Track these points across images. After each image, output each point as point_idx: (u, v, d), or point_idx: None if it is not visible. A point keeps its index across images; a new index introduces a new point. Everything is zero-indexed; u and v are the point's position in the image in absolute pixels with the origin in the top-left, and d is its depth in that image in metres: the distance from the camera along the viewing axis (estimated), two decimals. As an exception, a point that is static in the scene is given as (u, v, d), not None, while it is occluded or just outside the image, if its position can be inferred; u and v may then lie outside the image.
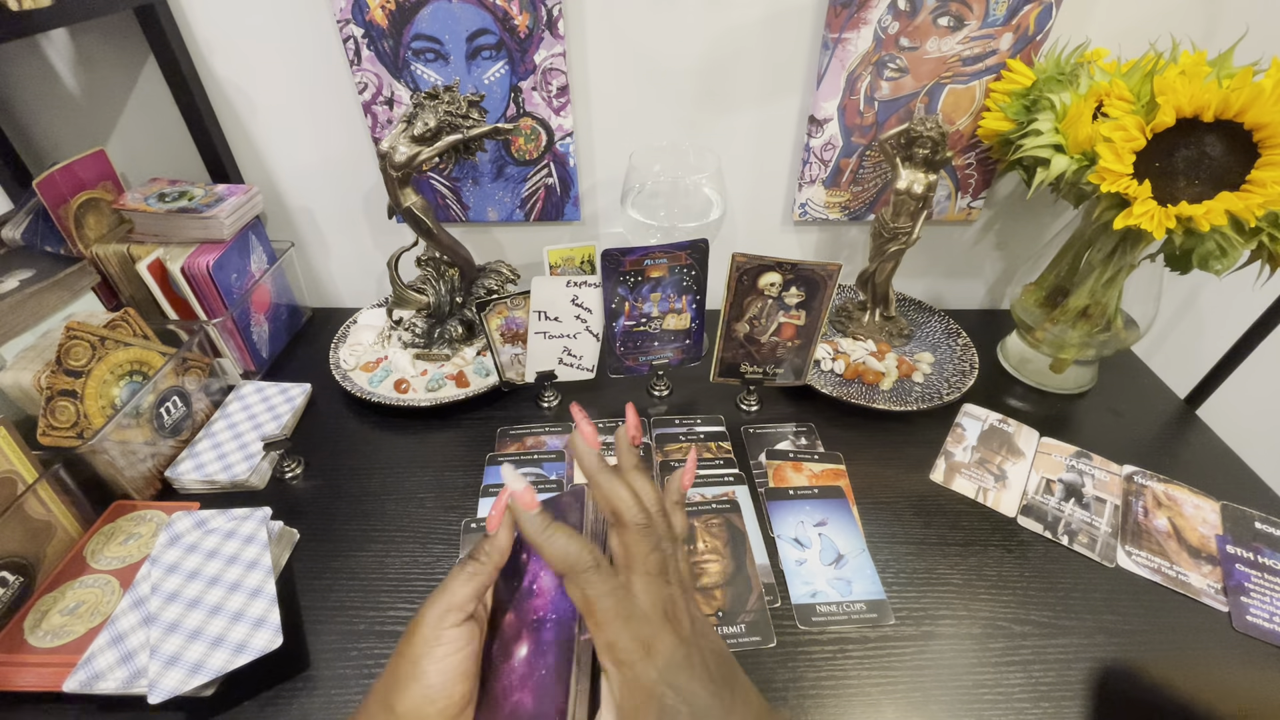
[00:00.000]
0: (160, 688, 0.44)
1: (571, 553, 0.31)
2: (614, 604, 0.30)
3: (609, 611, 0.30)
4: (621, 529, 0.33)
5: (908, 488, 0.65)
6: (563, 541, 0.31)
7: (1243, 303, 0.71)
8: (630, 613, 0.30)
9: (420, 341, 0.77)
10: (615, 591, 0.30)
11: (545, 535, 0.31)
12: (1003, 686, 0.49)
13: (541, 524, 0.32)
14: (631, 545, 0.32)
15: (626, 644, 0.29)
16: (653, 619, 0.30)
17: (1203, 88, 0.51)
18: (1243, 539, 0.59)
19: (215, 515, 0.56)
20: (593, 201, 0.84)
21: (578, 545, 0.31)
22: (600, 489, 0.34)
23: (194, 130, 0.75)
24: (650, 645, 0.29)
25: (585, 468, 0.35)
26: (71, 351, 0.57)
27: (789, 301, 0.65)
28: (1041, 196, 0.79)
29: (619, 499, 0.33)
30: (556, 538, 0.31)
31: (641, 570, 0.32)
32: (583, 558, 0.30)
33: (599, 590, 0.30)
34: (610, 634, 0.29)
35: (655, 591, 0.31)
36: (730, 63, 0.72)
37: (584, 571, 0.30)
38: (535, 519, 0.32)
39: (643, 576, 0.31)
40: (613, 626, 0.29)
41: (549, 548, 0.31)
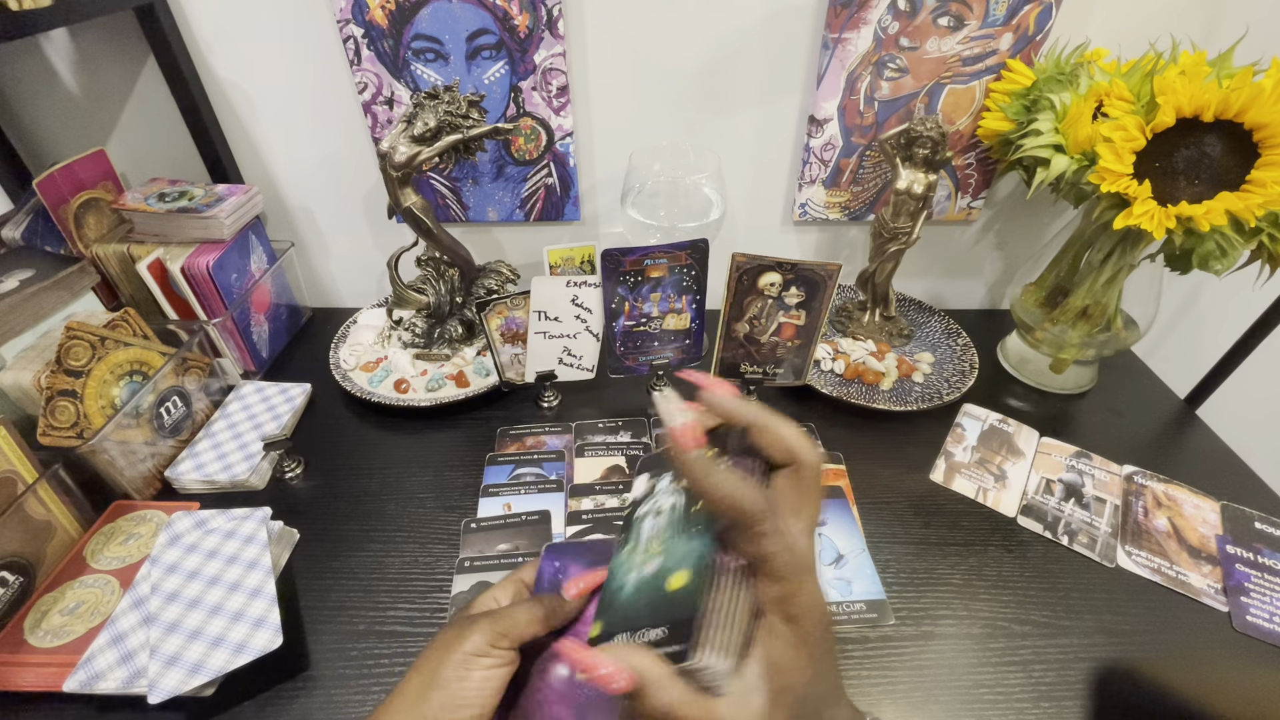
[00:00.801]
0: (160, 688, 0.44)
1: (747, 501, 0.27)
2: (793, 559, 0.27)
3: (790, 566, 0.27)
4: (800, 468, 0.30)
5: (908, 488, 0.64)
6: (732, 487, 0.27)
7: (1243, 303, 0.71)
8: (807, 566, 0.28)
9: (420, 341, 0.77)
10: (791, 546, 0.27)
11: (714, 480, 0.27)
12: (1003, 686, 0.49)
13: (706, 467, 0.28)
14: (809, 486, 0.29)
15: (804, 601, 0.27)
16: (815, 573, 0.28)
17: (1203, 88, 0.51)
18: (1243, 539, 0.59)
19: (215, 515, 0.56)
20: (593, 201, 0.84)
21: (749, 492, 0.27)
22: (770, 429, 0.30)
23: (194, 130, 0.75)
24: (820, 603, 0.28)
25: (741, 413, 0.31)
26: (71, 351, 0.57)
27: (789, 301, 0.65)
28: (1041, 196, 0.79)
29: (795, 437, 0.30)
30: (725, 483, 0.27)
31: (810, 517, 0.29)
32: (756, 505, 0.27)
33: (779, 544, 0.27)
34: (789, 587, 0.27)
35: (812, 541, 0.29)
36: (730, 63, 0.72)
37: (760, 522, 0.27)
38: (700, 462, 0.28)
39: (811, 524, 0.29)
40: (793, 581, 0.27)
41: (717, 494, 0.27)
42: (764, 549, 0.27)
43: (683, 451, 0.29)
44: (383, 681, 0.49)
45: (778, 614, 0.27)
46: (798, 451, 0.30)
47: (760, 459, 0.31)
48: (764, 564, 0.27)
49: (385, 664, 0.50)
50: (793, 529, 0.28)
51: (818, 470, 0.30)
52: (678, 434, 0.29)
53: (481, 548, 0.58)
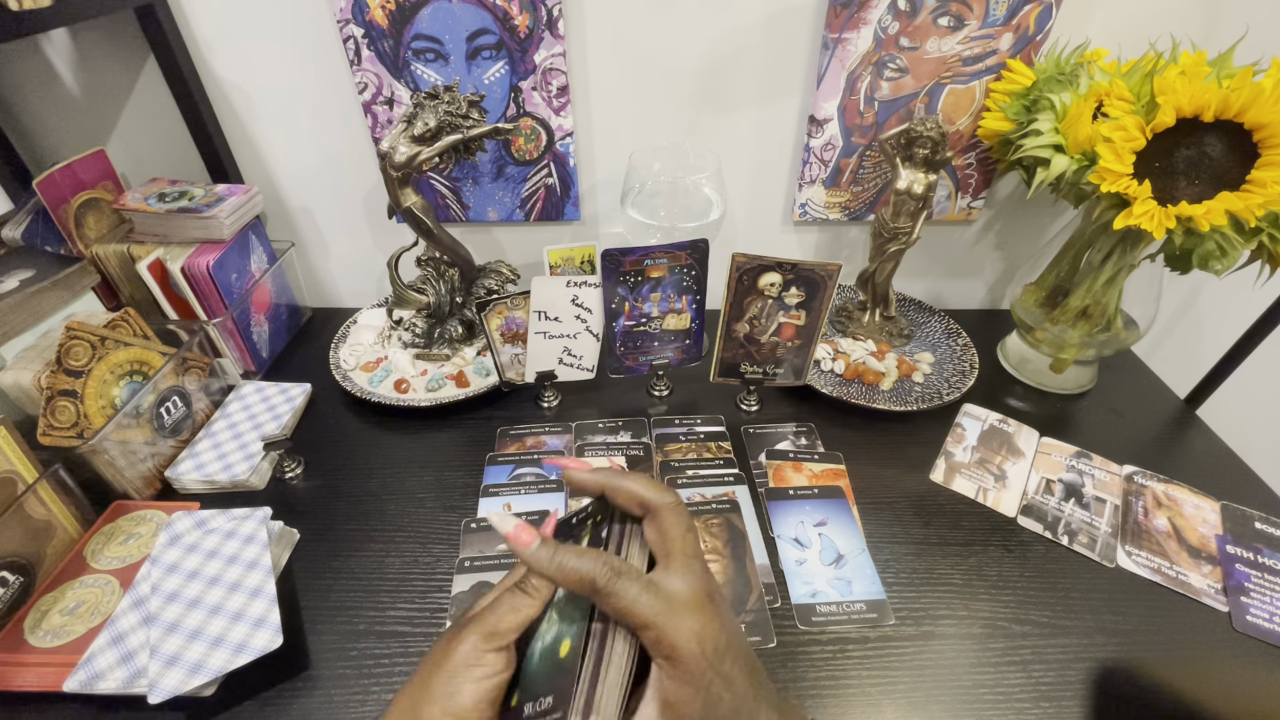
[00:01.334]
0: (160, 688, 0.44)
1: (587, 568, 0.29)
2: (652, 600, 0.28)
3: (650, 610, 0.28)
4: (654, 515, 0.32)
5: (908, 488, 0.65)
6: (575, 562, 0.29)
7: (1243, 303, 0.71)
8: (671, 604, 0.29)
9: (420, 341, 0.77)
10: (649, 587, 0.29)
11: (555, 564, 0.30)
12: (1003, 686, 0.49)
13: (547, 554, 0.30)
14: (669, 526, 0.31)
15: (676, 638, 0.28)
16: (695, 604, 0.29)
17: (1203, 88, 0.51)
18: (1243, 539, 0.59)
19: (215, 515, 0.56)
20: (593, 201, 0.84)
21: (591, 559, 0.29)
22: (619, 491, 0.33)
23: (194, 130, 0.75)
24: (699, 634, 0.28)
25: (596, 482, 0.34)
26: (71, 351, 0.57)
27: (789, 301, 0.65)
28: (1041, 196, 0.79)
29: (641, 489, 0.32)
30: (567, 560, 0.30)
31: (680, 553, 0.30)
32: (602, 570, 0.29)
33: (631, 594, 0.28)
34: (658, 631, 0.28)
35: (694, 573, 0.30)
36: (730, 63, 0.72)
37: (609, 581, 0.29)
38: (539, 552, 0.30)
39: (681, 560, 0.30)
40: (659, 623, 0.28)
41: (564, 575, 0.30)
42: (618, 605, 0.29)
43: (520, 549, 0.31)
44: (382, 681, 0.49)
45: (659, 657, 0.29)
46: (645, 500, 0.32)
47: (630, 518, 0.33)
48: (627, 618, 0.29)
49: (385, 664, 0.50)
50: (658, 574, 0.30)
51: (671, 509, 0.32)
52: (512, 537, 0.31)
53: (481, 548, 0.58)
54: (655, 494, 0.32)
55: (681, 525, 0.31)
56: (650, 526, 0.32)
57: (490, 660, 0.31)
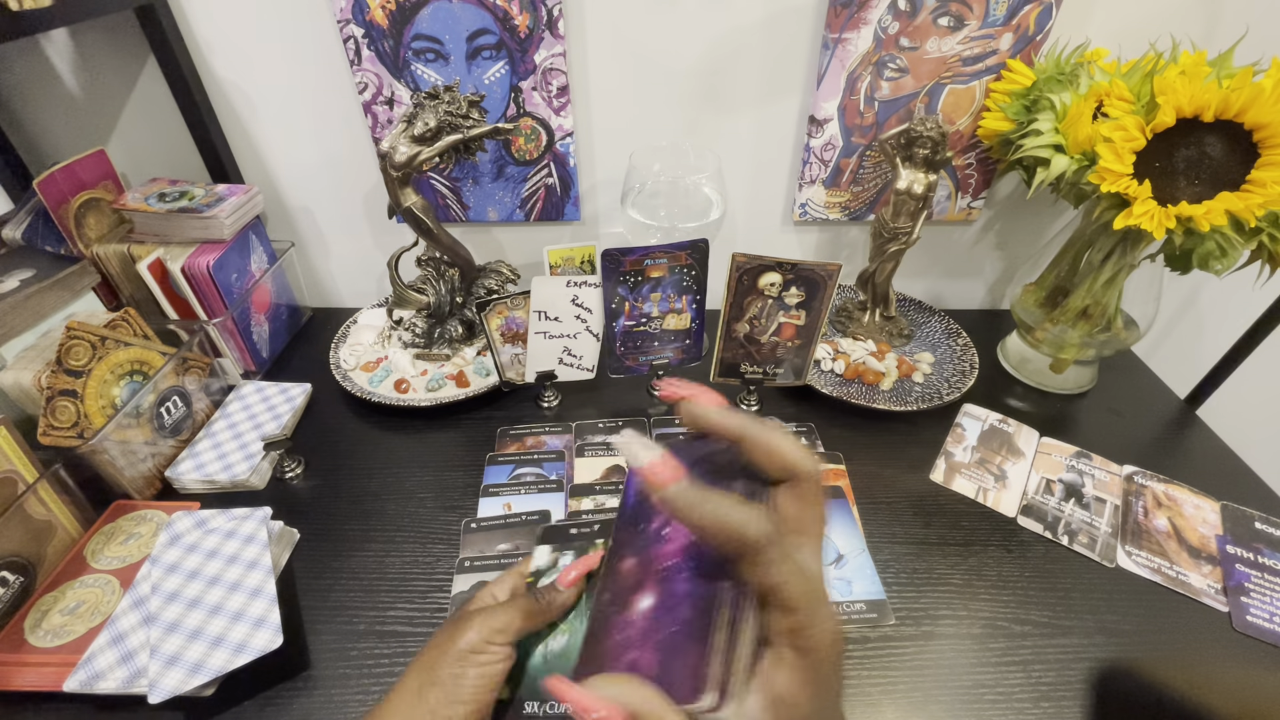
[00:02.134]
0: (160, 687, 0.44)
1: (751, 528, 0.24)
2: (803, 585, 0.24)
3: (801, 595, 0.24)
4: (799, 482, 0.27)
5: (908, 488, 0.64)
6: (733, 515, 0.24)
7: (1243, 303, 0.71)
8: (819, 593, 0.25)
9: (420, 341, 0.77)
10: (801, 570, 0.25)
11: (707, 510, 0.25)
12: (1003, 686, 0.49)
13: (697, 498, 0.25)
14: (812, 502, 0.27)
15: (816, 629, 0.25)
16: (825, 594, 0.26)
17: (1203, 88, 0.51)
18: (1243, 539, 0.59)
19: (215, 515, 0.56)
20: (593, 201, 0.84)
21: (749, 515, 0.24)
22: (763, 444, 0.27)
23: (194, 130, 0.75)
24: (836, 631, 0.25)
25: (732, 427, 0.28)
26: (72, 351, 0.57)
27: (789, 301, 0.65)
28: (1041, 196, 0.79)
29: (792, 449, 0.27)
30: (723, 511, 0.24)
31: (816, 535, 0.27)
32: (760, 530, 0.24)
33: (786, 571, 0.24)
34: (801, 618, 0.24)
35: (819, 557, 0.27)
36: (730, 63, 0.72)
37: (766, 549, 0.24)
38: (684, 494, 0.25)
39: (816, 541, 0.27)
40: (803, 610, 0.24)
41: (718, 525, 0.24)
42: (774, 578, 0.24)
43: (661, 489, 0.25)
44: (383, 681, 0.49)
45: (788, 645, 0.25)
46: (796, 464, 0.27)
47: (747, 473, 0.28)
48: (774, 594, 0.25)
49: (385, 664, 0.50)
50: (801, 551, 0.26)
51: (819, 481, 0.27)
52: (649, 472, 0.26)
53: (482, 548, 0.58)
54: (807, 460, 0.27)
55: (824, 503, 0.27)
56: (790, 494, 0.27)
57: (495, 650, 0.31)
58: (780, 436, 0.27)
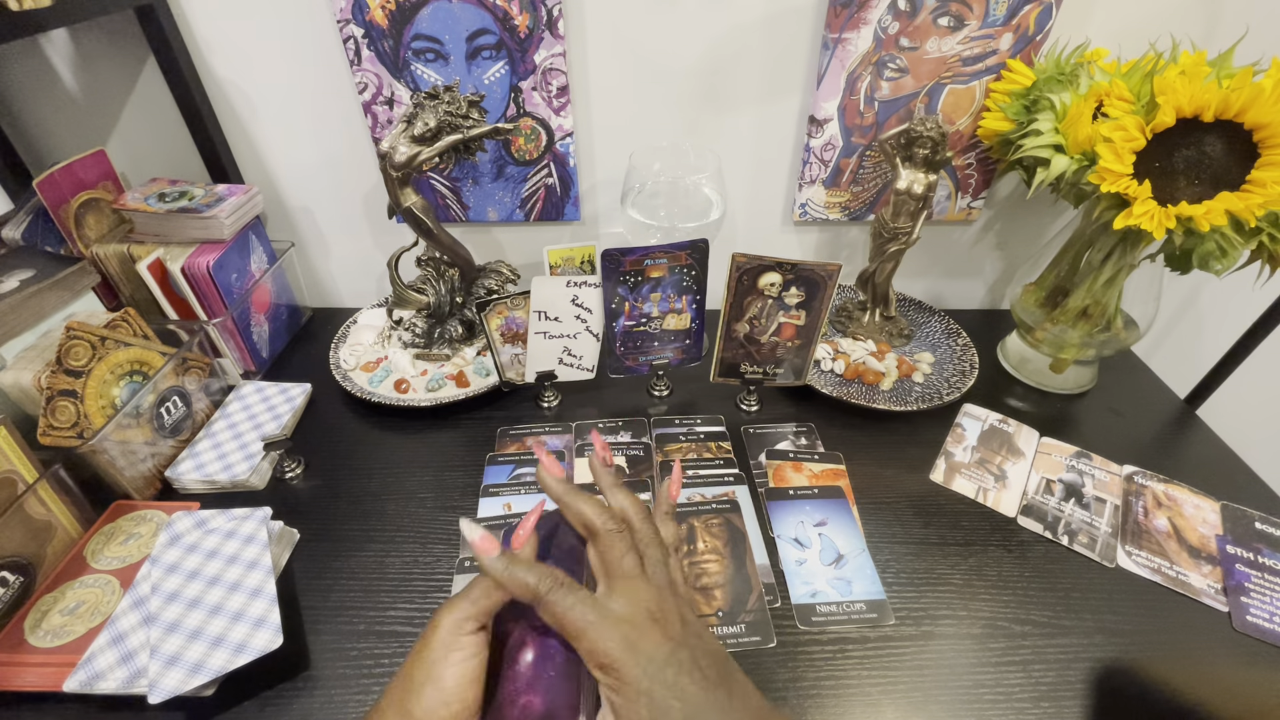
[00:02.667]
0: (160, 688, 0.44)
1: (531, 580, 0.31)
2: (584, 611, 0.30)
3: (582, 620, 0.30)
4: (593, 538, 0.34)
5: (908, 488, 0.65)
6: (522, 573, 0.32)
7: (1243, 303, 0.71)
8: (604, 615, 0.31)
9: (420, 341, 0.77)
10: (584, 600, 0.31)
11: (508, 574, 0.32)
12: (1003, 686, 0.49)
13: (501, 565, 0.32)
14: (605, 550, 0.33)
15: (606, 647, 0.30)
16: (634, 620, 0.31)
17: (1203, 88, 0.51)
18: (1243, 539, 0.59)
19: (215, 515, 0.56)
20: (593, 201, 0.84)
21: (537, 572, 0.32)
22: (569, 509, 0.35)
23: (194, 130, 0.75)
24: (633, 645, 0.30)
25: (552, 494, 0.36)
26: (71, 351, 0.57)
27: (789, 301, 0.65)
28: (1041, 196, 0.79)
29: (586, 512, 0.34)
30: (517, 572, 0.32)
31: (619, 574, 0.33)
32: (542, 581, 0.31)
33: (566, 603, 0.31)
34: (587, 642, 0.30)
35: (637, 594, 0.32)
36: (730, 63, 0.72)
37: (547, 592, 0.31)
38: (494, 563, 0.32)
39: (621, 580, 0.33)
40: (588, 634, 0.30)
41: (514, 585, 0.31)
42: (554, 613, 0.31)
43: (481, 556, 0.32)
44: (382, 681, 0.49)
45: (592, 666, 0.30)
46: (588, 525, 0.34)
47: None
48: (561, 629, 0.31)
49: (385, 664, 0.50)
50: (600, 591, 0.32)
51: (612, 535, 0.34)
52: (477, 545, 0.33)
53: (481, 548, 0.58)
54: (599, 519, 0.34)
55: (620, 549, 0.33)
56: (591, 550, 0.35)
57: (467, 642, 0.32)
58: (584, 502, 0.35)
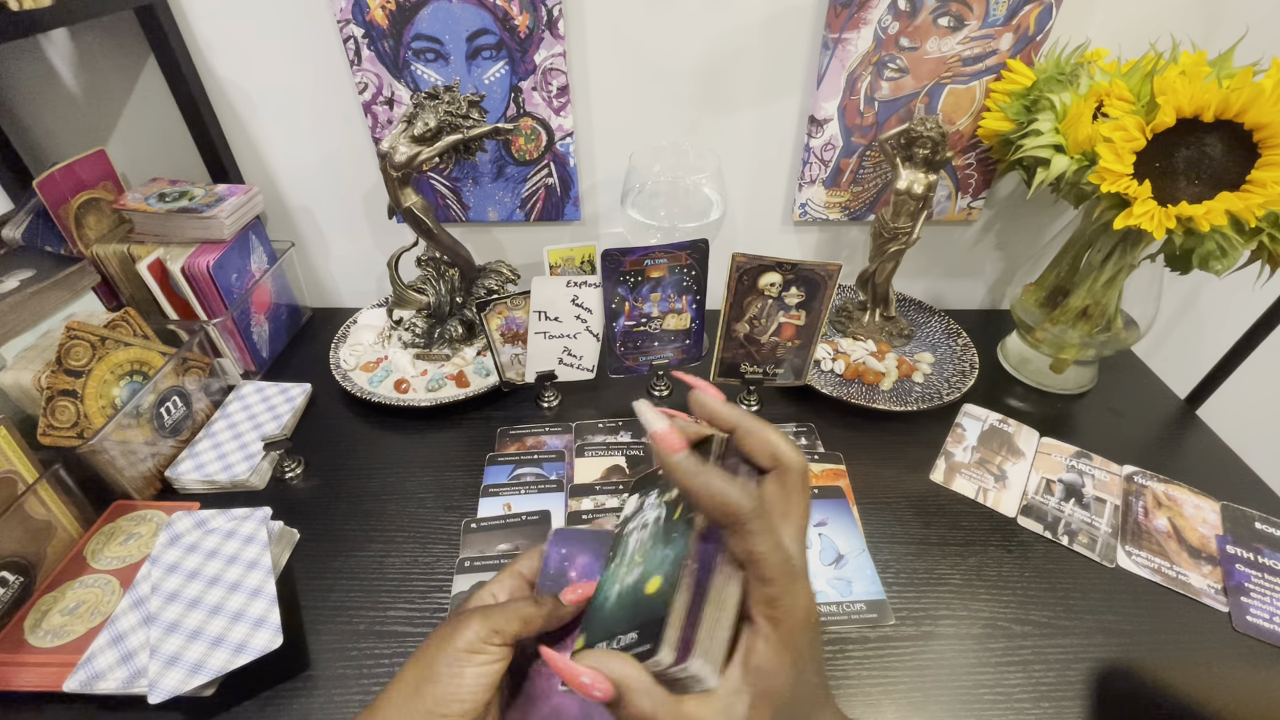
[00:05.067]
0: (160, 688, 0.44)
1: (732, 498, 0.27)
2: (782, 560, 0.27)
3: (778, 567, 0.27)
4: (784, 472, 0.30)
5: (908, 488, 0.64)
6: (721, 485, 0.27)
7: (1243, 303, 0.71)
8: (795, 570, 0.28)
9: (420, 341, 0.77)
10: (781, 546, 0.27)
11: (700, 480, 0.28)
12: (1003, 686, 0.49)
13: (694, 467, 0.28)
14: (796, 490, 0.30)
15: (789, 601, 0.27)
16: (804, 577, 0.28)
17: (1203, 88, 0.51)
18: (1243, 539, 0.59)
19: (215, 515, 0.56)
20: (593, 201, 0.84)
21: (738, 490, 0.27)
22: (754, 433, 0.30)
23: (194, 130, 0.75)
24: (810, 605, 0.28)
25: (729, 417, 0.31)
26: (72, 351, 0.57)
27: (789, 301, 0.65)
28: (1041, 196, 0.79)
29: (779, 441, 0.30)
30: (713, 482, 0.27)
31: (798, 521, 0.30)
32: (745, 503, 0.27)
33: (768, 544, 0.27)
34: (776, 589, 0.27)
35: (801, 544, 0.29)
36: (730, 63, 0.72)
37: (750, 520, 0.27)
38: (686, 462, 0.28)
39: (799, 528, 0.29)
40: (779, 582, 0.27)
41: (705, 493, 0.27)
42: (753, 547, 0.27)
43: (668, 454, 0.29)
44: (383, 681, 0.49)
45: (763, 616, 0.27)
46: (782, 455, 0.30)
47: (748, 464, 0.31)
48: (752, 563, 0.27)
49: (385, 664, 0.50)
50: (782, 531, 0.28)
51: (804, 474, 0.30)
52: (660, 437, 0.29)
53: (482, 548, 0.58)
54: (793, 452, 0.30)
55: (808, 493, 0.30)
56: (776, 482, 0.30)
57: (493, 651, 0.31)
58: (771, 430, 0.30)
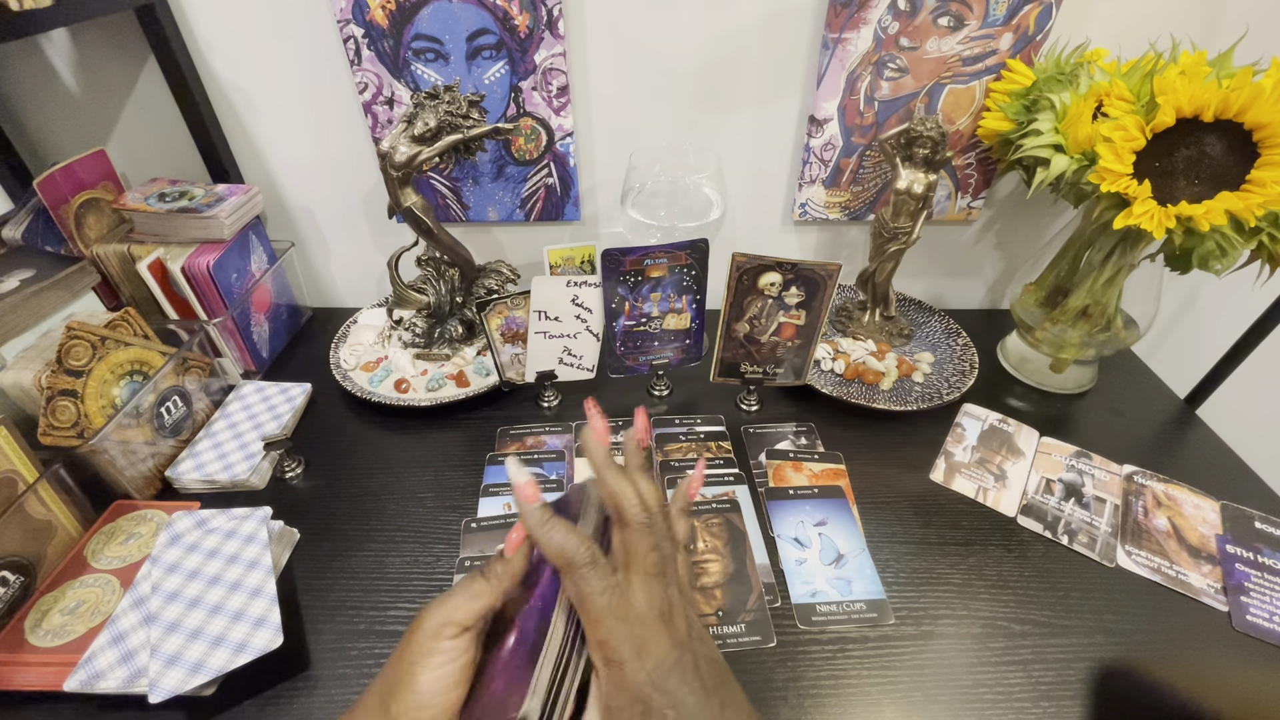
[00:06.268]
0: (160, 687, 0.44)
1: (569, 547, 0.30)
2: (608, 601, 0.30)
3: (603, 609, 0.29)
4: (623, 526, 0.32)
5: (908, 488, 0.65)
6: (560, 536, 0.31)
7: (1243, 303, 0.71)
8: (625, 612, 0.30)
9: (420, 341, 0.77)
10: (611, 589, 0.30)
11: (545, 529, 0.31)
12: (1003, 686, 0.49)
13: (541, 517, 0.31)
14: (632, 543, 0.32)
15: (618, 643, 0.29)
16: (647, 619, 0.30)
17: (1203, 88, 0.51)
18: (1243, 539, 0.59)
19: (215, 515, 0.56)
20: (593, 201, 0.84)
21: (575, 540, 0.31)
22: (606, 484, 0.33)
23: (194, 130, 0.75)
24: (642, 646, 0.29)
25: (594, 462, 0.34)
26: (72, 351, 0.58)
27: (789, 301, 0.65)
28: (1041, 196, 0.79)
29: (623, 495, 0.32)
30: (555, 531, 0.31)
31: (640, 569, 0.31)
32: (580, 552, 0.30)
33: (594, 586, 0.30)
34: (602, 632, 0.29)
35: (652, 592, 0.31)
36: (730, 63, 0.72)
37: (581, 566, 0.30)
38: (535, 512, 0.32)
39: (641, 575, 0.31)
40: (605, 624, 0.29)
41: (547, 541, 0.31)
42: (581, 590, 0.30)
43: (522, 503, 0.32)
44: (383, 681, 0.49)
45: (598, 656, 0.30)
46: (618, 508, 0.32)
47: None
48: (579, 606, 0.30)
49: (385, 664, 0.50)
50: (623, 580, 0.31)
51: (643, 527, 0.32)
52: (520, 488, 0.33)
53: (482, 547, 0.58)
54: (635, 508, 0.32)
55: (647, 543, 0.32)
56: (616, 532, 0.33)
57: (448, 648, 0.31)
58: (622, 483, 0.33)
